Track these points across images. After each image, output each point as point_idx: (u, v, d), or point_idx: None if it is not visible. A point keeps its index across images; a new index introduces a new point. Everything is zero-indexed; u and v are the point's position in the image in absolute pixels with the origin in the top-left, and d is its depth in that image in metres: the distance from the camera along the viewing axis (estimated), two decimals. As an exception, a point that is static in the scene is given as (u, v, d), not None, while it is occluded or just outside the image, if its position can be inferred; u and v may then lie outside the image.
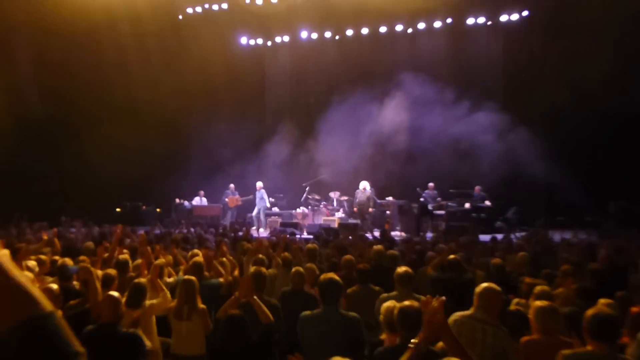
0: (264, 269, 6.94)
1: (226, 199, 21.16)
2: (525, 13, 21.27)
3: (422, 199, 19.08)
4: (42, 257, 8.67)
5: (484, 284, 5.39)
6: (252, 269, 7.03)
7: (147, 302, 6.22)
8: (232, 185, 21.35)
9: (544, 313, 5.06)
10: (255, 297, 5.73)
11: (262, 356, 5.24)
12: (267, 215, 20.55)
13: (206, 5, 22.46)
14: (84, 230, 15.44)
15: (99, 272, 6.64)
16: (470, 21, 22.08)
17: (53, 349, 1.24)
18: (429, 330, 3.45)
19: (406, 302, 4.88)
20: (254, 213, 20.54)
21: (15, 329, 1.21)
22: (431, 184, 19.56)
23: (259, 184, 20.68)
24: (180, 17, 22.92)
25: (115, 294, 5.43)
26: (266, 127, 23.78)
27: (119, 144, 20.41)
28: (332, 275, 6.03)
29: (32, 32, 19.58)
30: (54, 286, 5.98)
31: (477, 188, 19.46)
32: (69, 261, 7.87)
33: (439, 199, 19.60)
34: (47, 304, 1.27)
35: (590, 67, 17.71)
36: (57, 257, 8.96)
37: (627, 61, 17.50)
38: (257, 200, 20.60)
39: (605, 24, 17.71)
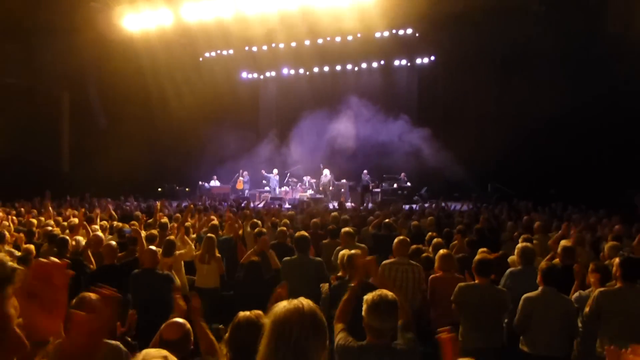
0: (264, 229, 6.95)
1: (236, 182, 21.04)
2: (432, 58, 21.25)
3: (364, 181, 19.09)
4: (105, 222, 8.49)
5: (398, 238, 5.44)
6: (254, 230, 6.97)
7: (177, 253, 6.12)
8: (245, 172, 21.17)
9: (443, 258, 5.08)
10: (270, 250, 5.70)
11: (271, 290, 5.14)
12: (261, 192, 20.41)
13: (218, 51, 22.11)
14: (135, 204, 15.18)
15: (144, 233, 6.48)
16: (396, 63, 22.02)
17: None
18: (360, 272, 3.41)
19: (352, 251, 4.86)
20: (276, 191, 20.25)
21: None
22: (365, 171, 19.42)
23: (275, 171, 20.52)
24: (201, 59, 22.56)
25: (153, 247, 5.32)
26: (258, 135, 23.56)
27: (158, 144, 20.17)
28: (303, 232, 5.99)
29: (99, 70, 19.17)
30: (113, 242, 5.83)
31: (403, 174, 19.54)
32: (125, 225, 7.72)
33: (371, 181, 19.52)
34: None
35: (473, 89, 17.96)
36: (115, 223, 8.77)
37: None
38: (275, 182, 20.33)
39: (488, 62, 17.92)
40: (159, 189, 20.70)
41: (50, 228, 7.62)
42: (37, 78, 18.11)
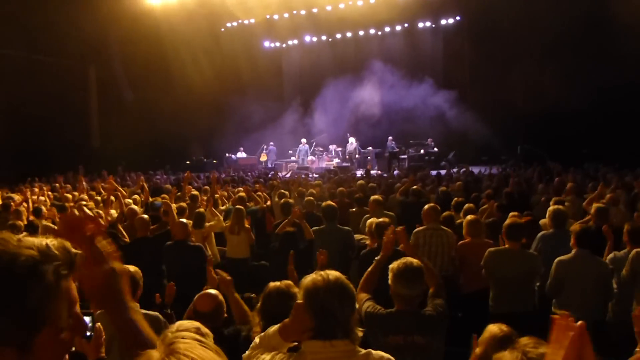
0: (290, 200, 6.98)
1: (260, 154, 21.05)
2: (458, 18, 20.58)
3: (389, 148, 18.90)
4: (137, 196, 8.64)
5: (427, 205, 5.40)
6: (281, 200, 7.01)
7: (207, 224, 6.21)
8: (271, 143, 21.10)
9: (471, 223, 5.03)
10: (304, 221, 5.73)
11: (306, 259, 5.19)
12: (288, 163, 20.44)
13: (239, 21, 21.90)
14: (165, 177, 15.42)
15: (174, 206, 6.59)
16: (420, 25, 21.43)
17: None
18: (389, 244, 3.40)
19: (380, 219, 4.84)
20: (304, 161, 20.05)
21: None
22: (390, 137, 19.13)
23: (303, 140, 20.30)
24: (222, 29, 22.41)
25: (184, 220, 5.40)
26: (282, 104, 23.38)
27: (183, 117, 20.30)
28: (330, 202, 6.01)
29: (123, 43, 19.23)
30: (145, 216, 5.94)
31: (429, 139, 19.27)
32: (156, 199, 7.86)
33: (397, 147, 19.29)
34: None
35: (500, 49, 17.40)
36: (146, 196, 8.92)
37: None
38: (304, 152, 20.16)
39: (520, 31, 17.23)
40: (187, 162, 20.95)
41: (84, 202, 7.81)
42: (63, 54, 18.26)
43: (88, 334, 2.26)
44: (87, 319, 2.29)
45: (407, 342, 2.76)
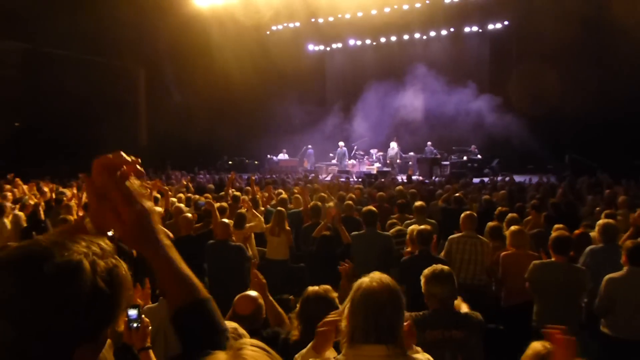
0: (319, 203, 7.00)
1: (304, 158, 21.10)
2: (506, 22, 20.13)
3: (427, 153, 18.65)
4: (182, 195, 8.85)
5: (465, 212, 5.32)
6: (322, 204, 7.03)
7: (248, 225, 6.29)
8: (309, 146, 21.15)
9: (515, 234, 4.90)
10: (341, 224, 5.74)
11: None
12: (328, 166, 20.44)
13: (285, 24, 22.13)
14: (208, 177, 15.73)
15: (217, 205, 6.70)
16: (466, 29, 21.09)
17: (211, 325, 1.11)
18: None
19: (422, 226, 4.79)
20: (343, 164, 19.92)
21: (183, 309, 1.09)
22: (429, 143, 18.90)
23: (341, 143, 20.21)
24: (267, 32, 22.70)
25: (226, 220, 5.49)
26: (325, 107, 23.42)
27: (227, 118, 20.64)
28: (370, 207, 5.97)
29: (171, 45, 19.76)
30: (189, 215, 6.08)
31: (473, 146, 18.90)
32: (200, 198, 8.03)
33: (437, 153, 19.03)
34: (204, 291, 1.13)
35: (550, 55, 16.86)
36: (190, 195, 9.13)
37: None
38: (341, 155, 20.05)
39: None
40: (230, 162, 21.29)
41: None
42: (115, 55, 18.90)
43: (135, 325, 2.37)
44: (133, 311, 2.38)
45: (445, 337, 2.77)
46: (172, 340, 2.94)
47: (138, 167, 1.15)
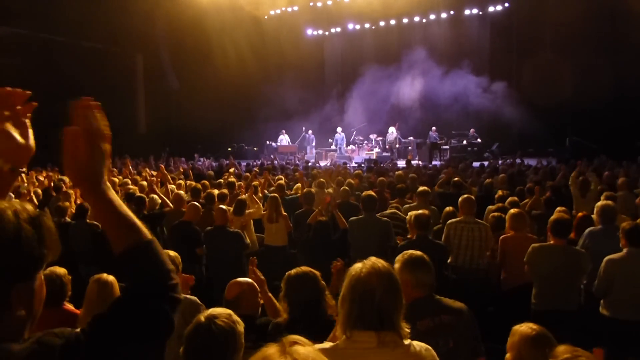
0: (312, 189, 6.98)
1: (305, 144, 20.92)
2: (506, 5, 19.90)
3: (431, 138, 18.57)
4: (181, 182, 8.83)
5: (463, 196, 5.29)
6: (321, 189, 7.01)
7: (247, 211, 6.27)
8: (310, 131, 20.94)
9: (515, 217, 4.88)
10: (337, 210, 5.71)
11: (340, 250, 5.18)
12: (327, 151, 20.39)
13: (283, 8, 21.91)
14: (207, 163, 15.70)
15: (215, 192, 6.68)
16: (466, 12, 20.87)
17: (156, 266, 1.11)
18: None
19: (420, 211, 4.77)
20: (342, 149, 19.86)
21: (126, 252, 1.10)
22: (433, 128, 18.70)
23: (339, 129, 20.09)
24: (266, 17, 22.48)
25: (224, 206, 5.48)
26: (324, 92, 23.32)
27: (225, 104, 20.50)
28: (370, 192, 5.94)
29: (168, 31, 19.57)
30: (196, 203, 6.05)
31: (472, 130, 18.82)
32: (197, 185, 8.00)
33: (439, 138, 18.92)
34: (147, 233, 1.13)
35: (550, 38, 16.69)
36: (190, 182, 9.10)
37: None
38: (340, 140, 19.92)
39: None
40: (229, 148, 21.24)
41: (129, 187, 8.05)
42: (112, 41, 18.73)
43: None
44: None
45: (435, 323, 2.69)
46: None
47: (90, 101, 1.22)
